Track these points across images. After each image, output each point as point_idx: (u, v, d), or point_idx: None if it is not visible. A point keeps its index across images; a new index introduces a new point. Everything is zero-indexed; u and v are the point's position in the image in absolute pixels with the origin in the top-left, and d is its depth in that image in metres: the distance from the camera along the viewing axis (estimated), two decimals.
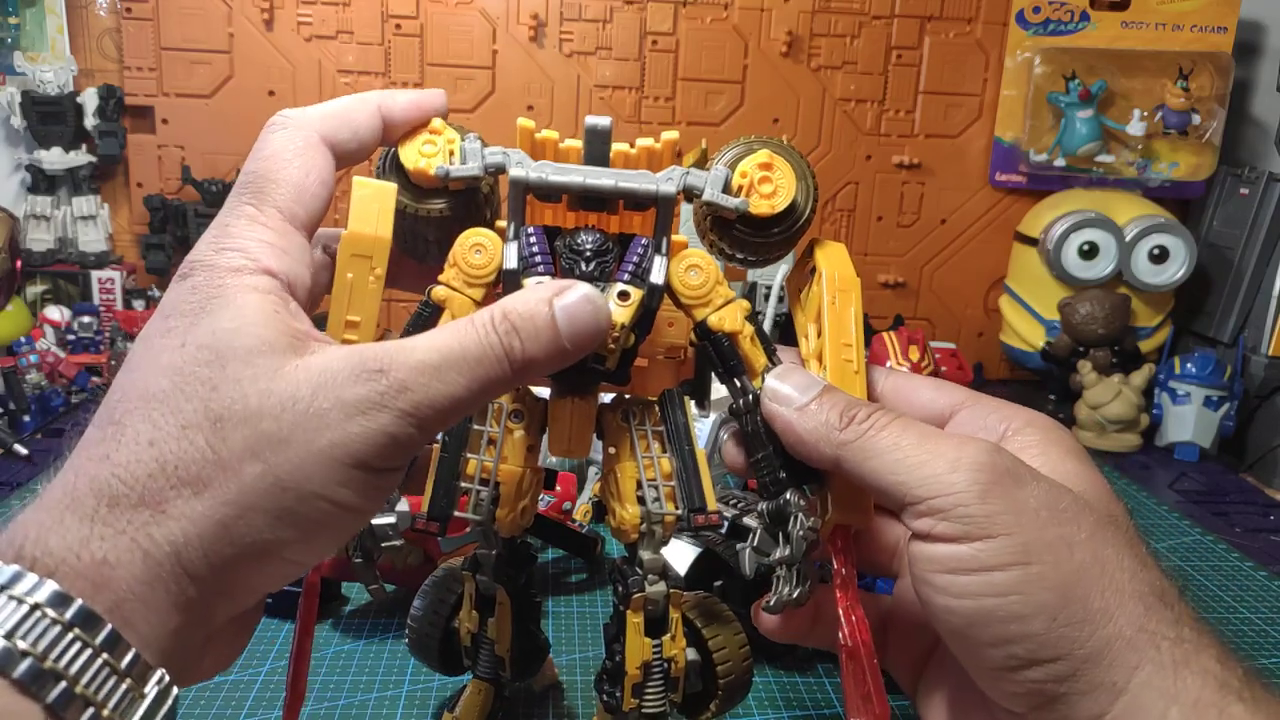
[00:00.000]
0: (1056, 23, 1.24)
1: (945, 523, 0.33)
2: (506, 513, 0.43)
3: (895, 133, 1.29)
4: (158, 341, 0.32)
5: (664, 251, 0.39)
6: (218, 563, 0.30)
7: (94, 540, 0.28)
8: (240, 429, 0.30)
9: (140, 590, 0.28)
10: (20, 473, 0.90)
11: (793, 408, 0.37)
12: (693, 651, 0.45)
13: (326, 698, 0.59)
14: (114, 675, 0.27)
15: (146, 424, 0.30)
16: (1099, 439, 1.11)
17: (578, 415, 0.41)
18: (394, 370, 0.31)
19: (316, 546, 0.33)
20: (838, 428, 0.36)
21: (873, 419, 0.36)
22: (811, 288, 0.42)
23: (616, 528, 0.42)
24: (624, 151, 0.39)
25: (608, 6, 1.23)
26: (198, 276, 0.33)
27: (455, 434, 0.42)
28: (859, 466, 0.36)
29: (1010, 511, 0.33)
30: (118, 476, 0.29)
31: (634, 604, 0.43)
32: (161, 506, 0.29)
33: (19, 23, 1.20)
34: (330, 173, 0.37)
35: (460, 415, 0.33)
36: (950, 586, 0.34)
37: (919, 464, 0.34)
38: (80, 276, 1.22)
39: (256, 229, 0.34)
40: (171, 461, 0.30)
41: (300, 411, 0.30)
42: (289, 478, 0.30)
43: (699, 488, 0.41)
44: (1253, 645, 0.71)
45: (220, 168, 1.23)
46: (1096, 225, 1.16)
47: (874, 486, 0.36)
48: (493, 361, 0.32)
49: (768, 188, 0.40)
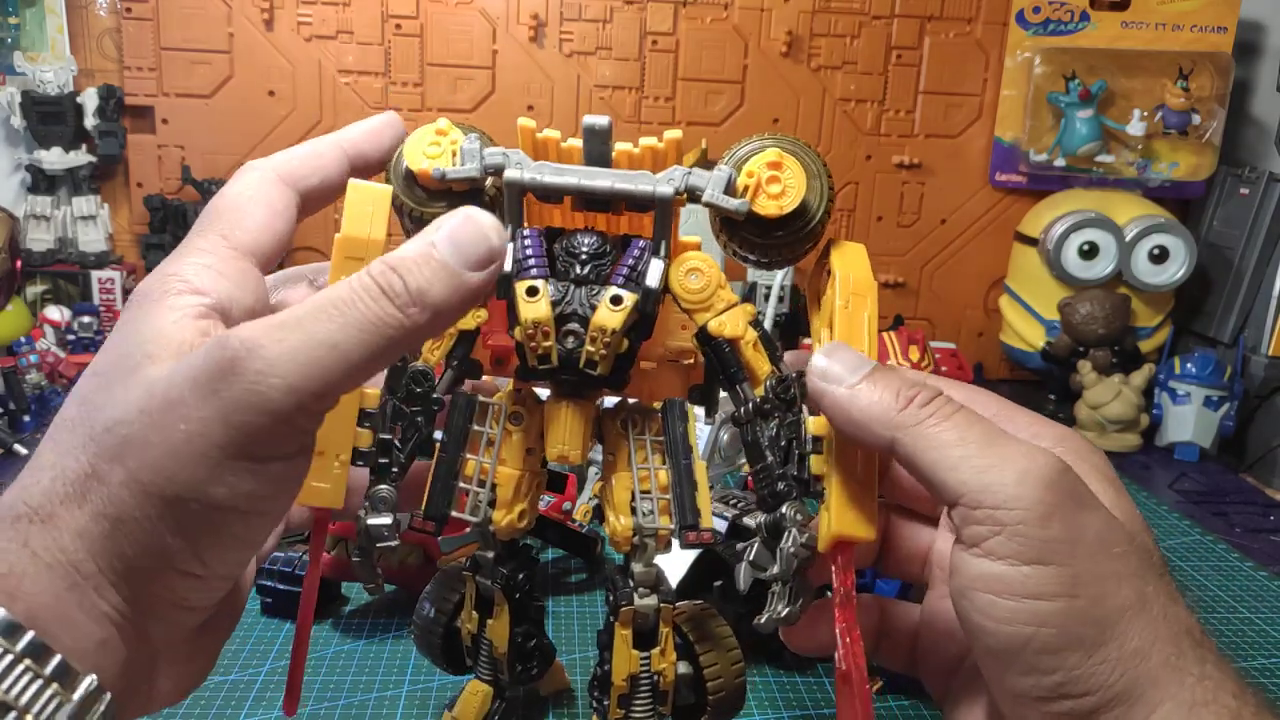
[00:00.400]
0: (1056, 23, 1.24)
1: (1001, 538, 0.32)
2: (503, 515, 0.42)
3: (895, 133, 1.29)
4: (83, 374, 0.33)
5: (663, 254, 0.38)
6: (114, 576, 0.30)
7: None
8: (107, 438, 0.30)
9: (49, 601, 0.28)
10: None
11: (844, 386, 0.35)
12: (684, 665, 0.44)
13: (326, 698, 0.59)
14: (37, 679, 0.27)
15: (51, 449, 0.31)
16: (1099, 439, 1.11)
17: (573, 419, 0.41)
18: (244, 330, 0.29)
19: (212, 556, 0.31)
20: (895, 408, 0.34)
21: (935, 404, 0.34)
22: (827, 290, 0.41)
23: (610, 538, 0.42)
24: (628, 151, 0.38)
25: (608, 6, 1.23)
26: (130, 307, 0.33)
27: (454, 435, 0.41)
28: (917, 455, 0.34)
29: (1068, 539, 0.32)
30: (21, 497, 0.30)
31: (622, 617, 0.42)
32: (54, 520, 0.29)
33: (19, 23, 1.20)
34: (285, 205, 0.37)
35: (353, 370, 0.29)
36: (992, 609, 0.33)
37: (985, 467, 0.33)
38: (80, 276, 1.22)
39: (197, 255, 0.34)
40: (59, 478, 0.30)
41: (155, 408, 0.29)
42: (151, 481, 0.29)
43: (693, 503, 0.40)
44: (1253, 645, 0.71)
45: (220, 168, 1.23)
46: (1096, 225, 1.16)
47: (929, 478, 0.34)
48: (369, 300, 0.30)
49: (776, 188, 0.38)
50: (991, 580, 0.32)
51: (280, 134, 1.23)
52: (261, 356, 0.28)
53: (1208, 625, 0.72)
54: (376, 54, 1.22)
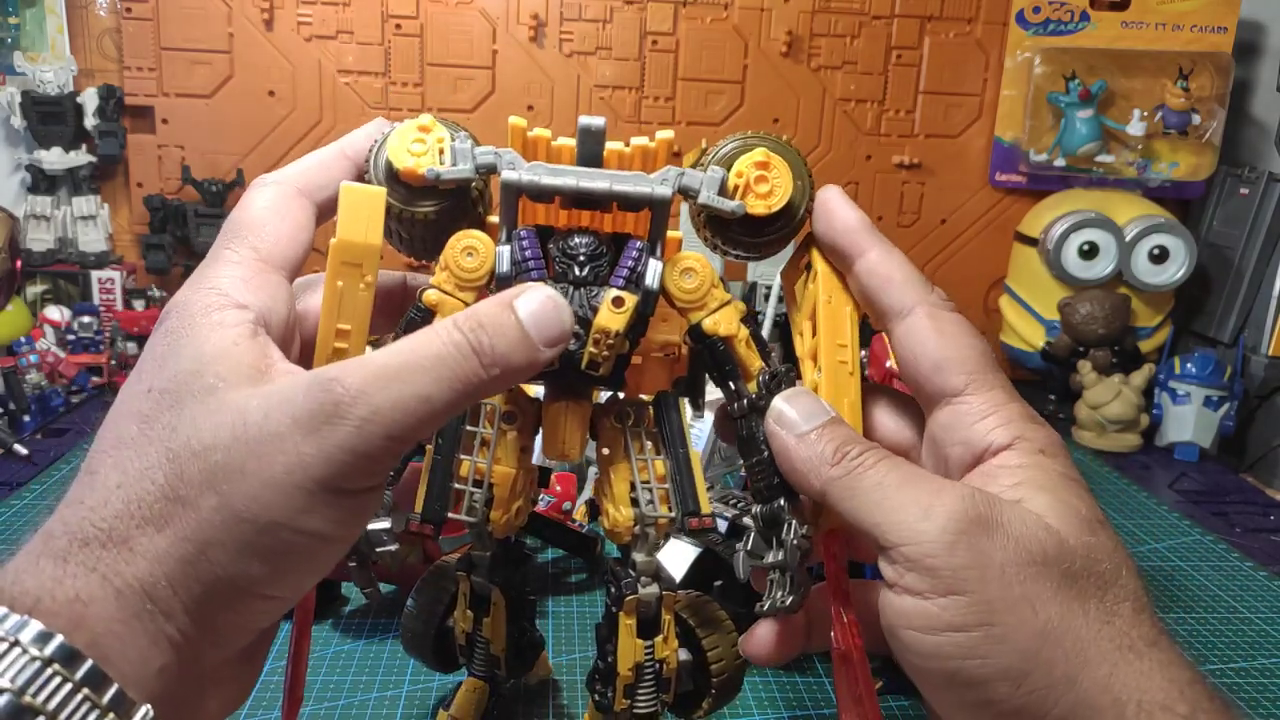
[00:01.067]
0: (1056, 23, 1.24)
1: (912, 574, 0.33)
2: (500, 514, 0.43)
3: (895, 133, 1.29)
4: (131, 389, 0.33)
5: (659, 255, 0.39)
6: (189, 601, 0.30)
7: (67, 579, 0.28)
8: (194, 463, 0.30)
9: (116, 628, 0.28)
10: (20, 473, 0.91)
11: (793, 433, 0.37)
12: (684, 652, 0.45)
13: (326, 698, 0.60)
14: (95, 710, 0.27)
15: (115, 470, 0.31)
16: (1099, 439, 1.11)
17: (571, 419, 0.41)
18: (348, 378, 0.30)
19: (291, 580, 0.32)
20: (830, 461, 0.35)
21: (863, 457, 0.35)
22: (807, 285, 0.41)
23: (610, 529, 0.42)
24: (618, 151, 0.38)
25: (608, 6, 1.23)
26: (171, 320, 0.33)
27: (448, 436, 0.41)
28: (841, 504, 0.35)
29: (976, 566, 0.32)
30: (88, 519, 0.30)
31: (627, 606, 0.43)
32: (129, 544, 0.29)
33: (19, 23, 1.20)
34: (308, 218, 0.38)
35: (436, 420, 0.32)
36: (917, 645, 0.33)
37: (895, 508, 0.34)
38: (80, 276, 1.21)
39: (231, 268, 0.35)
40: (135, 501, 0.30)
41: (252, 438, 0.30)
42: (246, 509, 0.30)
43: (693, 490, 0.41)
44: (1253, 645, 0.71)
45: (220, 168, 1.23)
46: (1096, 225, 1.16)
47: (855, 527, 0.35)
48: (460, 359, 0.32)
49: (764, 187, 0.39)
50: (913, 616, 0.33)
51: (280, 134, 1.23)
52: (367, 404, 0.30)
53: (1207, 625, 0.73)
54: (376, 54, 1.22)
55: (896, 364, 0.39)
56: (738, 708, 0.60)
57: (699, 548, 0.64)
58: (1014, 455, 0.36)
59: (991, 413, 0.36)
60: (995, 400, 0.37)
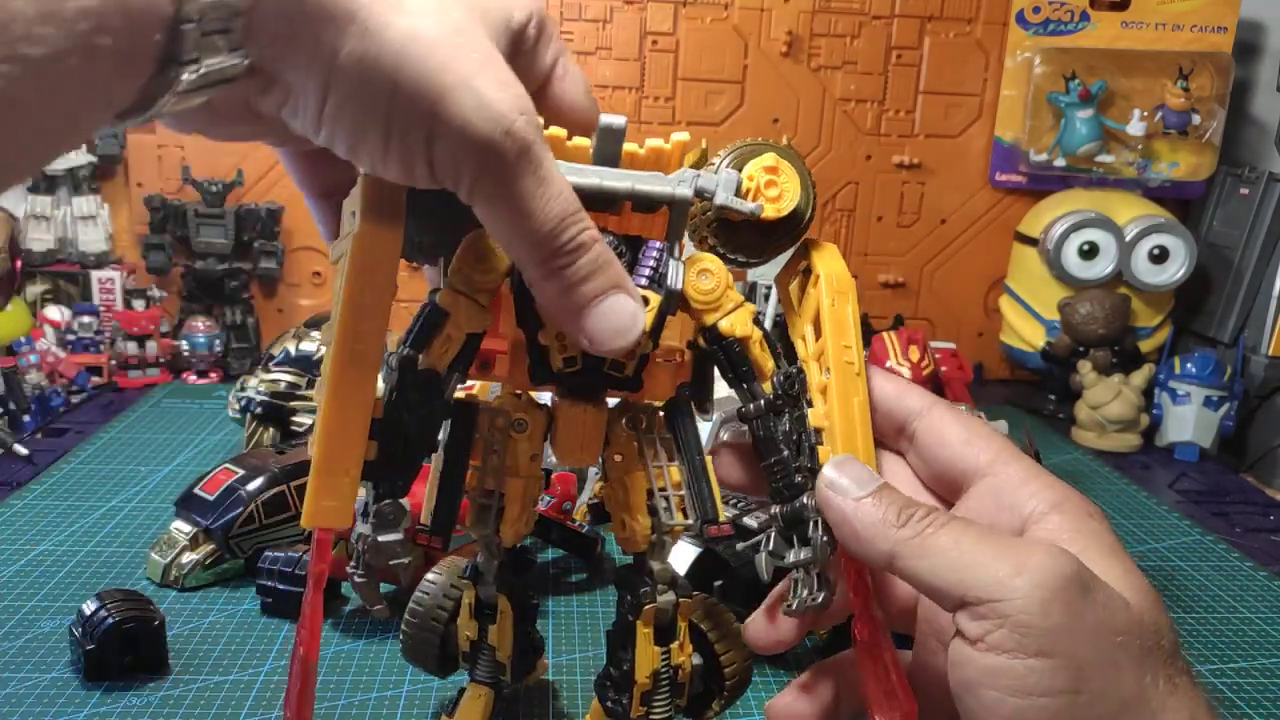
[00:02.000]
0: (1056, 23, 1.24)
1: (1003, 631, 0.32)
2: (509, 525, 0.42)
3: (895, 133, 1.29)
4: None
5: (679, 256, 0.39)
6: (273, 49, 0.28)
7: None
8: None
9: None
10: (20, 473, 0.90)
11: (850, 498, 0.37)
12: (696, 656, 0.45)
13: (326, 698, 0.60)
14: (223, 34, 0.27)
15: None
16: (1099, 439, 1.11)
17: (589, 423, 0.41)
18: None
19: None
20: (895, 525, 0.35)
21: (931, 517, 0.35)
22: (808, 289, 0.42)
23: (626, 538, 0.42)
24: (632, 152, 0.38)
25: (608, 6, 1.23)
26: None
27: (458, 444, 0.41)
28: (914, 564, 0.35)
29: (1069, 628, 0.32)
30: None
31: (645, 615, 0.42)
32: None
33: None
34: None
35: None
36: (999, 707, 0.32)
37: (981, 564, 0.33)
38: (80, 276, 1.21)
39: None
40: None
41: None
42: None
43: (710, 498, 0.41)
44: (1253, 645, 0.71)
45: (220, 168, 1.23)
46: (1096, 225, 1.16)
47: (929, 586, 0.34)
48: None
49: (773, 191, 0.39)
50: (997, 675, 0.32)
51: None
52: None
53: (1207, 625, 0.73)
54: None
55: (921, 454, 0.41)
56: (739, 706, 0.60)
57: (699, 548, 0.64)
58: (1064, 520, 0.36)
59: (1032, 479, 0.37)
60: (1029, 468, 0.38)
